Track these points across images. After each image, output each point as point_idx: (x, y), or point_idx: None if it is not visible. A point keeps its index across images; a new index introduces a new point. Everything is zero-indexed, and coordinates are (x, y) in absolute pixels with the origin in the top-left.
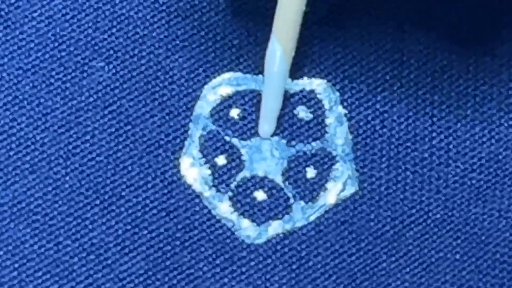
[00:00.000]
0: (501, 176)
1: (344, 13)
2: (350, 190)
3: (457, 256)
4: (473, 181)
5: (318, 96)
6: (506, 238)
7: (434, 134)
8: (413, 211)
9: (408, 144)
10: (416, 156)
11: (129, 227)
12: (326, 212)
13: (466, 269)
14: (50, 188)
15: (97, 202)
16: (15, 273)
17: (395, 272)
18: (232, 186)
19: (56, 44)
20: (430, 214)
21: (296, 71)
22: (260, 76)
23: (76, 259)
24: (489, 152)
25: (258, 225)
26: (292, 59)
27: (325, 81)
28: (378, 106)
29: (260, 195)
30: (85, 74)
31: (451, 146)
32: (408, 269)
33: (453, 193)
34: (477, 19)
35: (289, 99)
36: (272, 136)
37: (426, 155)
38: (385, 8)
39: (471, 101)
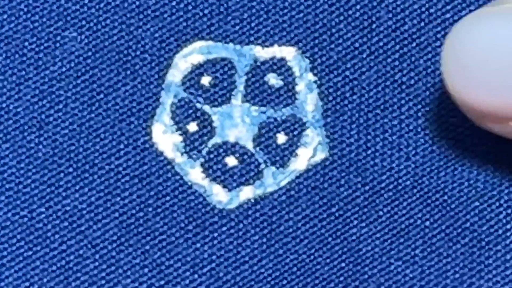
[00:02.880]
0: (470, 143)
1: None
2: (321, 156)
3: (427, 223)
4: (442, 149)
5: (288, 63)
6: (476, 207)
7: (403, 102)
8: (383, 177)
9: (378, 111)
10: (386, 123)
11: (101, 194)
12: (297, 177)
13: (436, 237)
14: (23, 157)
15: (70, 170)
16: None
17: (366, 237)
18: (204, 152)
19: (29, 15)
20: (400, 180)
21: (266, 39)
22: (230, 44)
23: (49, 226)
24: (458, 119)
25: (230, 190)
26: None
27: (295, 48)
28: (347, 73)
29: (231, 160)
30: (57, 44)
31: (419, 114)
32: (378, 235)
33: (422, 160)
34: None
35: (259, 67)
36: (243, 102)
37: (395, 122)
38: None
39: (439, 70)
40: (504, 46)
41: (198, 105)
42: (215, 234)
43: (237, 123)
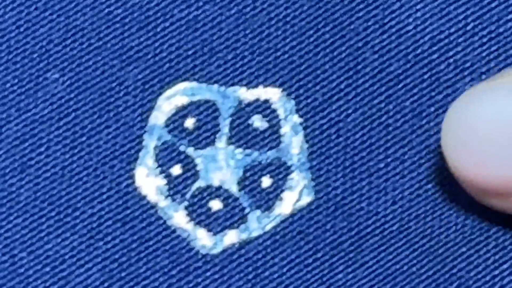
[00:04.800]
0: (458, 188)
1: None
2: (306, 199)
3: (414, 269)
4: (429, 193)
5: (273, 105)
6: (463, 252)
7: (389, 144)
8: (369, 222)
9: (364, 154)
10: (372, 166)
11: (84, 238)
12: (282, 221)
13: (423, 282)
14: (4, 201)
15: (52, 214)
16: None
17: (352, 283)
18: (188, 196)
19: (11, 56)
20: (387, 225)
21: (251, 80)
22: (215, 85)
23: (31, 271)
24: (445, 163)
25: (214, 234)
26: None
27: (280, 90)
28: (333, 115)
29: (215, 204)
30: (39, 86)
31: (406, 157)
32: (364, 281)
33: (409, 204)
34: (437, 29)
35: (244, 108)
36: (227, 145)
37: (381, 165)
38: (341, 18)
39: (426, 111)
40: (505, 121)
41: (182, 148)
42: (199, 280)
43: (221, 166)
